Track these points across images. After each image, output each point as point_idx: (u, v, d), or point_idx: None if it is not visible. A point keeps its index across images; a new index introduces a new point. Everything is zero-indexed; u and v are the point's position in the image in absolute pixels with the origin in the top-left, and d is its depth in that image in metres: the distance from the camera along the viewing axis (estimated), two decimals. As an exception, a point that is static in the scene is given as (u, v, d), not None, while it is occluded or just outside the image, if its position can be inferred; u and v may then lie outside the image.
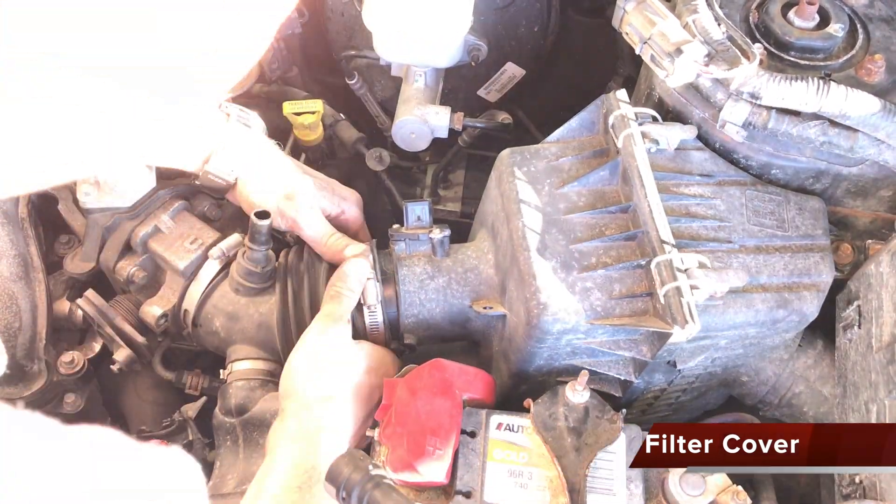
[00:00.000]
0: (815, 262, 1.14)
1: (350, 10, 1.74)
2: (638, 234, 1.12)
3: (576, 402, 1.09)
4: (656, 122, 1.20)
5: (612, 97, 1.21)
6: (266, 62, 1.72)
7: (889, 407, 1.00)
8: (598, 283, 1.09)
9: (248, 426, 1.22)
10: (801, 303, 1.11)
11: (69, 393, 1.40)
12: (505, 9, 1.67)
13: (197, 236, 1.30)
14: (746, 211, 1.16)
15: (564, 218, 1.14)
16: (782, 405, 1.29)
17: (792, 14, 1.24)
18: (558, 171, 1.19)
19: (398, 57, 1.51)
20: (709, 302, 1.06)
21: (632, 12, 1.17)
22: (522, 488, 1.04)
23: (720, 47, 1.12)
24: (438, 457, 1.02)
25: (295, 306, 1.24)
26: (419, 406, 1.06)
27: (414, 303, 1.24)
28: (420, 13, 1.37)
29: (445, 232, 1.23)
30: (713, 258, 1.09)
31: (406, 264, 1.26)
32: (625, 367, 1.15)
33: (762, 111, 1.12)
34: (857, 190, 1.21)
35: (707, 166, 1.20)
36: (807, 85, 1.08)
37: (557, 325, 1.07)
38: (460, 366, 1.14)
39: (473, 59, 1.55)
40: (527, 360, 1.15)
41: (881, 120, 1.08)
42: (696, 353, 1.15)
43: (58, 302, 1.41)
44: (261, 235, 1.21)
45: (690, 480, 1.05)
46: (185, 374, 1.48)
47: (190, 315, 1.30)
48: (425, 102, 1.51)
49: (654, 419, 1.39)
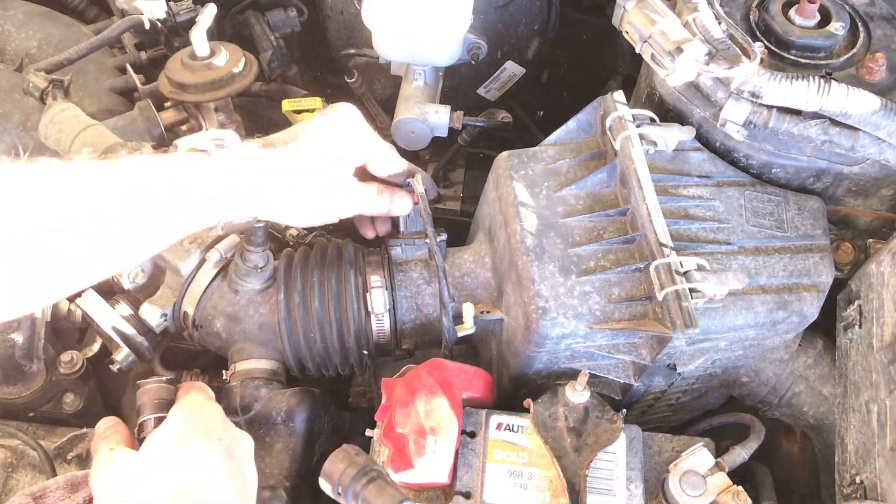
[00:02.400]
0: (815, 262, 1.14)
1: (349, 9, 1.73)
2: (636, 237, 1.11)
3: (576, 403, 1.09)
4: (654, 124, 1.19)
5: (609, 99, 1.20)
6: (265, 61, 1.72)
7: (890, 407, 1.00)
8: (596, 287, 1.09)
9: (253, 425, 1.22)
10: (801, 304, 1.11)
11: (68, 392, 1.40)
12: (505, 7, 1.67)
13: (196, 236, 1.30)
14: (745, 212, 1.16)
15: (562, 221, 1.14)
16: (782, 405, 1.29)
17: (793, 12, 1.24)
18: (556, 174, 1.18)
19: (398, 55, 1.51)
20: (708, 305, 1.06)
21: (632, 11, 1.17)
22: (522, 489, 1.04)
23: (721, 46, 1.12)
24: (440, 456, 1.02)
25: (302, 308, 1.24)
26: (419, 406, 1.06)
27: (411, 308, 1.25)
28: (420, 11, 1.36)
29: (442, 236, 1.23)
30: (712, 260, 1.09)
31: (403, 269, 1.26)
32: (624, 371, 1.15)
33: (763, 110, 1.12)
34: (858, 189, 1.21)
35: (705, 167, 1.19)
36: (808, 84, 1.07)
37: (556, 330, 1.06)
38: (459, 365, 1.14)
39: (473, 58, 1.55)
40: (526, 365, 1.15)
41: (882, 119, 1.07)
42: (695, 355, 1.14)
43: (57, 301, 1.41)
44: (257, 237, 1.21)
45: (691, 480, 1.05)
46: (185, 373, 1.48)
47: (190, 317, 1.29)
48: (425, 101, 1.51)
49: (655, 420, 1.39)
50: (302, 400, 1.22)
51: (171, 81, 1.47)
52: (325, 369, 1.31)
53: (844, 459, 1.09)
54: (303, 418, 1.21)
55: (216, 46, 1.49)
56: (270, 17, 1.77)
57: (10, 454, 1.24)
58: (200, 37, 1.45)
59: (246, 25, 1.77)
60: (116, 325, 1.30)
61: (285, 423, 1.21)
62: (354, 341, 1.25)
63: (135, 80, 1.53)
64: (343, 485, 0.95)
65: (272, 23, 1.77)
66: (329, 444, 1.29)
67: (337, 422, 1.38)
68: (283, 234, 1.46)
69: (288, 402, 1.22)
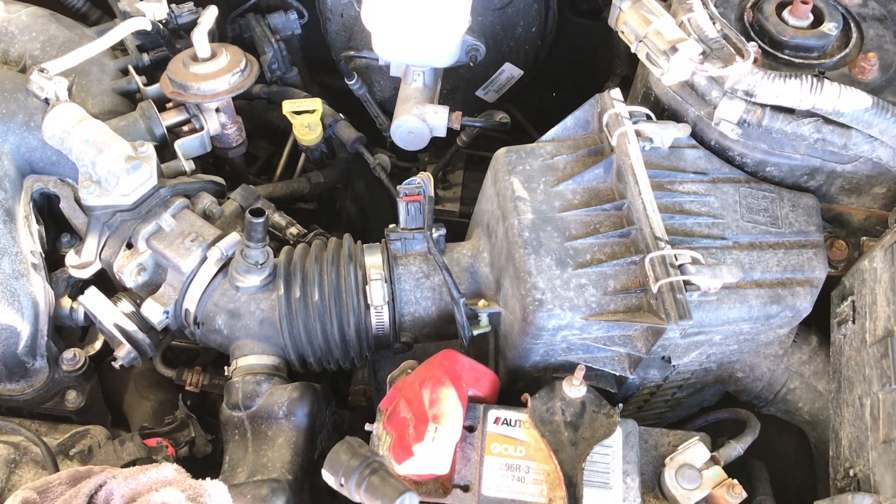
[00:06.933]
0: (809, 258, 1.15)
1: (349, 11, 1.75)
2: (632, 230, 1.13)
3: (572, 397, 1.10)
4: (650, 121, 1.21)
5: (606, 96, 1.22)
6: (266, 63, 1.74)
7: (882, 400, 1.01)
8: (592, 280, 1.10)
9: (255, 419, 1.23)
10: (794, 298, 1.12)
11: (70, 390, 1.40)
12: (503, 9, 1.69)
13: (198, 234, 1.31)
14: (740, 208, 1.17)
15: (559, 215, 1.15)
16: (777, 401, 1.30)
17: (786, 13, 1.25)
18: (553, 170, 1.20)
19: (397, 56, 1.52)
20: (702, 298, 1.07)
21: (627, 11, 1.18)
22: (520, 482, 1.05)
23: (715, 45, 1.13)
24: (440, 445, 1.03)
25: (302, 302, 1.25)
26: (424, 393, 1.06)
27: (410, 301, 1.26)
28: (419, 13, 1.38)
29: (441, 231, 1.25)
30: (707, 255, 1.10)
31: (402, 263, 1.27)
32: (620, 363, 1.16)
33: (757, 109, 1.13)
34: (852, 187, 1.22)
35: (701, 164, 1.21)
36: (801, 82, 1.09)
37: (552, 322, 1.08)
38: (471, 361, 1.15)
39: (472, 60, 1.56)
40: (523, 357, 1.16)
41: (874, 117, 1.09)
42: (690, 348, 1.16)
43: (59, 299, 1.42)
44: (257, 233, 1.22)
45: (686, 474, 1.06)
46: (186, 371, 1.49)
47: (191, 314, 1.31)
48: (424, 102, 1.52)
49: (651, 416, 1.40)
50: (304, 394, 1.23)
51: (173, 82, 1.48)
52: (326, 363, 1.32)
53: (838, 453, 1.10)
54: (304, 412, 1.22)
55: (217, 48, 1.51)
56: (271, 19, 1.79)
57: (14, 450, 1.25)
58: (202, 38, 1.47)
59: (247, 28, 1.79)
60: (118, 323, 1.31)
61: (287, 418, 1.22)
62: (355, 334, 1.26)
63: (137, 82, 1.54)
64: (346, 476, 0.96)
65: (273, 25, 1.79)
66: (330, 440, 1.30)
67: (337, 419, 1.39)
68: (283, 233, 1.48)
69: (290, 396, 1.23)
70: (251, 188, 1.48)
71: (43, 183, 1.42)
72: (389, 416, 1.08)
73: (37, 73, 1.33)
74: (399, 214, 1.24)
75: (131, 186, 1.30)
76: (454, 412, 1.05)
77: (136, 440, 1.28)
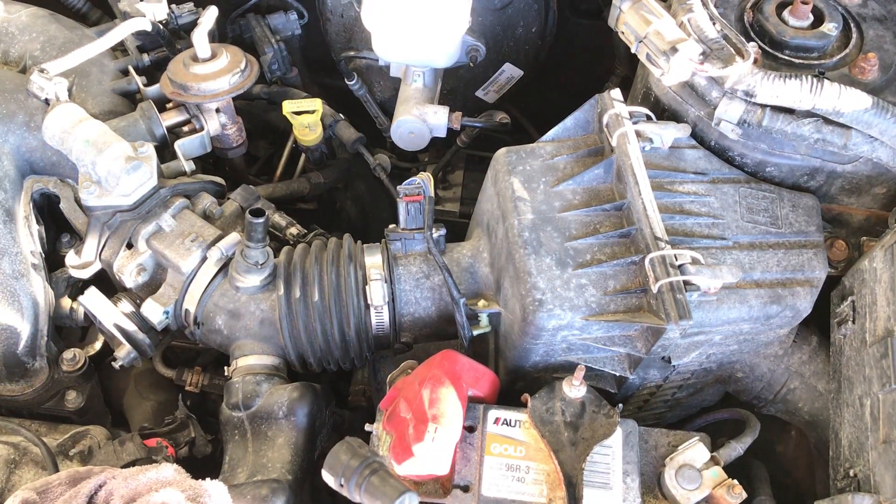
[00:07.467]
0: (809, 258, 1.15)
1: (349, 12, 1.75)
2: (632, 231, 1.13)
3: (572, 397, 1.10)
4: (650, 121, 1.21)
5: (606, 96, 1.22)
6: (266, 63, 1.74)
7: (882, 400, 1.01)
8: (592, 280, 1.10)
9: (255, 419, 1.23)
10: (794, 298, 1.12)
11: (70, 390, 1.40)
12: (503, 10, 1.68)
13: (198, 234, 1.31)
14: (740, 208, 1.17)
15: (559, 216, 1.15)
16: (777, 401, 1.30)
17: (786, 13, 1.26)
18: (553, 170, 1.20)
19: (397, 57, 1.52)
20: (702, 298, 1.07)
21: (627, 11, 1.18)
22: (520, 482, 1.05)
23: (715, 46, 1.13)
24: (440, 445, 1.03)
25: (302, 303, 1.25)
26: (424, 393, 1.06)
27: (410, 301, 1.26)
28: (419, 13, 1.38)
29: (441, 231, 1.25)
30: (707, 255, 1.10)
31: (402, 263, 1.27)
32: (620, 363, 1.16)
33: (757, 109, 1.13)
34: (852, 187, 1.22)
35: (701, 164, 1.21)
36: (800, 83, 1.09)
37: (552, 322, 1.08)
38: (471, 361, 1.15)
39: (472, 60, 1.56)
40: (523, 357, 1.16)
41: (874, 117, 1.09)
42: (690, 348, 1.16)
43: (59, 299, 1.42)
44: (257, 233, 1.22)
45: (686, 474, 1.06)
46: (186, 371, 1.49)
47: (191, 314, 1.31)
48: (424, 102, 1.52)
49: (651, 417, 1.40)
50: (304, 394, 1.23)
51: (173, 83, 1.48)
52: (326, 363, 1.32)
53: (838, 454, 1.10)
54: (304, 412, 1.22)
55: (218, 48, 1.51)
56: (271, 20, 1.79)
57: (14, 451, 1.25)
58: (202, 39, 1.47)
59: (247, 28, 1.79)
60: (118, 323, 1.31)
61: (287, 418, 1.22)
62: (355, 334, 1.26)
63: (137, 82, 1.54)
64: (346, 477, 0.96)
65: (273, 26, 1.79)
66: (330, 440, 1.30)
67: (337, 419, 1.39)
68: (283, 233, 1.48)
69: (290, 396, 1.23)
70: (251, 188, 1.48)
71: (43, 183, 1.42)
72: (389, 416, 1.08)
73: (37, 74, 1.33)
74: (399, 215, 1.24)
75: (131, 187, 1.30)
76: (454, 412, 1.05)
77: (135, 440, 1.28)
